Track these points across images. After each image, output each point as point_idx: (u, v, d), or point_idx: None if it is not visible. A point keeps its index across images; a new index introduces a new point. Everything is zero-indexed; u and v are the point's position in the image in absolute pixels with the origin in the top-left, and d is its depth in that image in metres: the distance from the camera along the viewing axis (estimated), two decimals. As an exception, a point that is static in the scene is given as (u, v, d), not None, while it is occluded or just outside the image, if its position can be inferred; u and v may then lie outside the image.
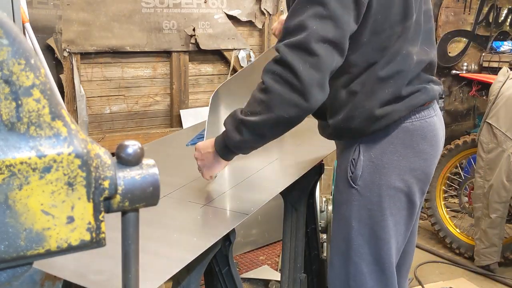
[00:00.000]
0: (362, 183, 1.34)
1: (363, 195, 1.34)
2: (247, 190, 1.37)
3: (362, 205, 1.34)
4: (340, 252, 1.41)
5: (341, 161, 1.41)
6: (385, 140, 1.32)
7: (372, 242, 1.36)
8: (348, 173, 1.35)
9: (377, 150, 1.33)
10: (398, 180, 1.33)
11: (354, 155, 1.35)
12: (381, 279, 1.39)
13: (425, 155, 1.35)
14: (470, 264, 3.03)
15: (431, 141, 1.36)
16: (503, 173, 2.79)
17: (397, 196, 1.34)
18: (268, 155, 1.67)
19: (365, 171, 1.33)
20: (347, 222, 1.37)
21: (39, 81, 0.47)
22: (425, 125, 1.34)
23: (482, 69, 4.51)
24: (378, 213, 1.34)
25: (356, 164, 1.34)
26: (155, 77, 3.05)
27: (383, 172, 1.32)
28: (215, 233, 1.07)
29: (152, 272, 0.88)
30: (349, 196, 1.36)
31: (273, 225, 3.11)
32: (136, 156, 0.52)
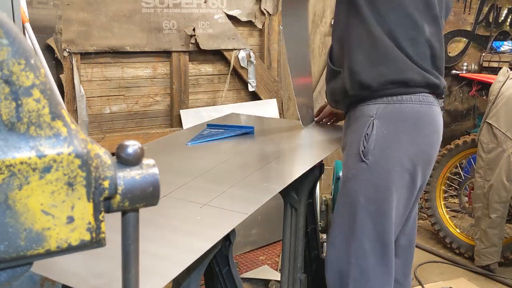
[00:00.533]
0: (372, 157, 1.39)
1: (372, 169, 1.39)
2: (247, 190, 1.37)
3: (370, 180, 1.40)
4: (343, 230, 1.44)
5: (353, 137, 1.46)
6: (398, 117, 1.40)
7: (377, 218, 1.39)
8: (360, 147, 1.41)
9: (390, 126, 1.39)
10: (405, 158, 1.39)
11: (368, 130, 1.40)
12: (382, 257, 1.41)
13: (430, 139, 1.43)
14: (470, 264, 3.03)
15: (435, 128, 1.45)
16: (503, 173, 2.79)
17: (402, 174, 1.40)
18: (267, 154, 1.67)
19: (376, 146, 1.39)
20: (354, 198, 1.41)
21: (39, 81, 0.47)
22: (431, 111, 1.43)
23: (482, 69, 4.51)
24: (385, 188, 1.39)
25: (369, 138, 1.40)
26: (155, 77, 3.05)
27: (393, 148, 1.39)
28: (215, 234, 1.07)
29: (152, 274, 0.88)
30: (358, 171, 1.41)
31: (273, 225, 3.11)
32: (136, 156, 0.52)
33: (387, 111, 1.40)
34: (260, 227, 3.12)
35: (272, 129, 2.09)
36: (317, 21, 3.70)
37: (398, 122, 1.40)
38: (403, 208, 1.45)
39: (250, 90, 3.37)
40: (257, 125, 2.08)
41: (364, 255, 1.40)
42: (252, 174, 1.47)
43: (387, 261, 1.42)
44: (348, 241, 1.42)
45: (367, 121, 1.42)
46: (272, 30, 3.42)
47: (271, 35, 3.42)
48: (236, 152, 1.66)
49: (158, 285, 0.84)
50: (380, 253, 1.41)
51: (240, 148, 1.72)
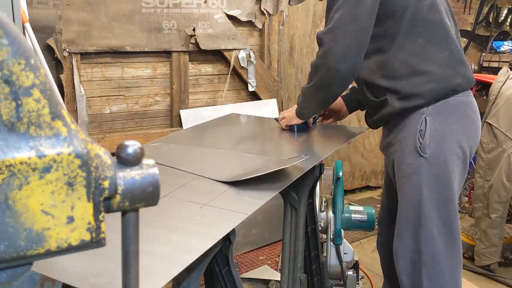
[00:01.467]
0: (429, 151, 1.53)
1: (431, 163, 1.53)
2: (247, 190, 1.37)
3: (431, 172, 1.53)
4: (411, 221, 1.57)
5: (406, 136, 1.58)
6: (447, 111, 1.54)
7: (441, 206, 1.53)
8: (417, 143, 1.54)
9: (441, 120, 1.54)
10: (458, 147, 1.54)
11: (421, 126, 1.54)
12: (450, 241, 1.54)
13: (475, 125, 1.60)
14: (470, 264, 3.03)
15: (478, 115, 1.63)
16: (503, 173, 2.79)
17: (457, 162, 1.55)
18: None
19: (432, 140, 1.53)
20: (418, 191, 1.54)
21: (39, 81, 0.47)
22: (472, 101, 1.62)
23: (482, 69, 4.51)
24: (445, 178, 1.53)
25: (424, 134, 1.53)
26: (155, 77, 3.05)
27: (447, 140, 1.53)
28: (215, 234, 1.07)
29: (152, 274, 0.88)
30: (418, 165, 1.54)
31: (273, 225, 3.11)
32: (136, 156, 0.52)
33: (437, 107, 1.54)
34: (260, 227, 3.12)
35: (272, 128, 2.09)
36: (317, 21, 3.71)
37: (448, 115, 1.54)
38: (459, 191, 1.61)
39: (250, 90, 3.37)
40: (257, 125, 2.09)
41: (433, 241, 1.53)
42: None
43: (454, 243, 1.55)
44: (417, 232, 1.55)
45: (419, 118, 1.55)
46: (272, 30, 3.42)
47: (271, 35, 3.42)
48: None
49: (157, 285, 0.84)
50: (448, 237, 1.54)
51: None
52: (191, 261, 0.94)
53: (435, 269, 1.54)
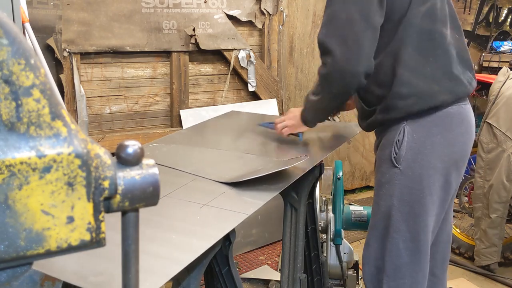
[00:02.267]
0: (405, 163, 1.46)
1: (405, 174, 1.46)
2: (247, 190, 1.37)
3: (404, 184, 1.46)
4: (379, 230, 1.52)
5: (385, 144, 1.53)
6: (428, 122, 1.45)
7: (411, 220, 1.46)
8: (392, 154, 1.47)
9: (421, 132, 1.45)
10: (438, 161, 1.44)
11: (399, 137, 1.47)
12: (416, 256, 1.48)
13: (462, 139, 1.49)
14: (470, 264, 3.03)
15: (467, 127, 1.51)
16: (503, 173, 2.79)
17: (435, 176, 1.45)
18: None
19: (408, 152, 1.45)
20: (388, 201, 1.49)
21: (39, 81, 0.47)
22: (462, 111, 1.49)
23: (482, 69, 4.51)
24: (418, 192, 1.45)
25: (401, 145, 1.46)
26: (155, 77, 3.05)
27: (425, 153, 1.44)
28: (215, 234, 1.07)
29: (151, 273, 0.88)
30: (392, 176, 1.48)
31: (273, 225, 3.11)
32: (136, 156, 0.52)
33: (418, 118, 1.46)
34: (260, 227, 3.12)
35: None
36: (317, 21, 3.70)
37: (430, 127, 1.45)
38: (439, 208, 1.50)
39: (250, 90, 3.37)
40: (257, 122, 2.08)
41: (398, 253, 1.48)
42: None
43: (421, 259, 1.49)
44: (383, 242, 1.50)
45: (398, 128, 1.48)
46: (272, 30, 3.42)
47: (271, 35, 3.42)
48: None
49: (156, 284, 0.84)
50: (414, 252, 1.48)
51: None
52: (190, 260, 0.94)
53: (397, 281, 1.50)
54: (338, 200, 2.22)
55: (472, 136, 1.54)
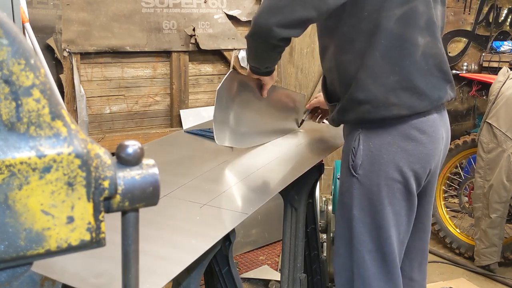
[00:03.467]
0: (362, 172, 1.39)
1: (363, 184, 1.39)
2: (247, 190, 1.37)
3: (362, 194, 1.39)
4: (344, 240, 1.46)
5: (344, 150, 1.47)
6: (383, 130, 1.37)
7: (373, 231, 1.40)
8: (350, 161, 1.41)
9: (375, 140, 1.38)
10: (396, 171, 1.37)
11: (354, 144, 1.40)
12: (383, 267, 1.42)
13: (424, 149, 1.38)
14: (470, 264, 3.03)
15: (431, 137, 1.39)
16: (503, 173, 2.79)
17: (395, 187, 1.38)
18: (267, 155, 1.67)
19: (364, 160, 1.39)
20: (349, 211, 1.42)
21: (39, 81, 0.47)
22: (424, 121, 1.38)
23: (482, 69, 4.51)
24: (377, 202, 1.38)
25: (356, 153, 1.40)
26: (155, 77, 3.05)
27: (381, 163, 1.37)
28: (215, 234, 1.07)
29: (151, 274, 0.88)
30: (350, 184, 1.41)
31: (273, 225, 3.11)
32: (136, 156, 0.52)
33: (372, 126, 1.39)
34: (260, 227, 3.12)
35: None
36: (317, 21, 3.70)
37: (385, 136, 1.37)
38: (406, 217, 1.43)
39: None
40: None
41: (364, 265, 1.42)
42: (252, 174, 1.47)
43: (389, 270, 1.43)
44: (350, 252, 1.45)
45: (354, 134, 1.42)
46: (272, 30, 3.41)
47: (271, 35, 3.42)
48: (236, 152, 1.66)
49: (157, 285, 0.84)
50: (381, 263, 1.42)
51: (240, 149, 1.71)
52: (190, 261, 0.94)
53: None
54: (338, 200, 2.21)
55: (438, 147, 1.44)
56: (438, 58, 1.40)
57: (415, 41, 1.33)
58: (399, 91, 1.33)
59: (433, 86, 1.38)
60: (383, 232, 1.40)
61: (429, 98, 1.37)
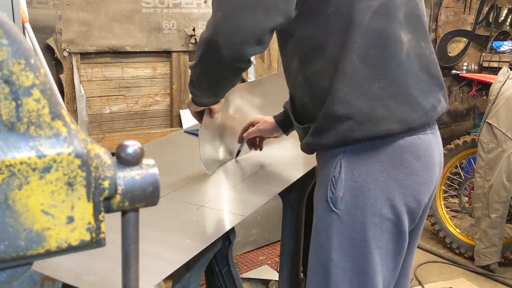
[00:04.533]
0: (343, 206, 1.12)
1: (345, 221, 1.13)
2: (245, 191, 1.37)
3: (344, 233, 1.13)
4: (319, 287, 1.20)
5: (320, 179, 1.19)
6: (371, 156, 1.11)
7: (355, 279, 1.15)
8: (328, 193, 1.14)
9: (361, 168, 1.11)
10: (385, 206, 1.11)
11: (334, 172, 1.13)
12: None
13: (418, 178, 1.13)
14: (470, 264, 3.04)
15: (426, 162, 1.14)
16: (503, 173, 2.79)
17: (384, 225, 1.12)
18: (266, 156, 1.67)
19: (347, 192, 1.12)
20: (326, 254, 1.16)
21: (39, 81, 0.47)
22: (419, 143, 1.13)
23: (482, 69, 4.51)
24: (362, 244, 1.12)
25: (337, 183, 1.13)
26: (155, 77, 3.05)
27: (368, 195, 1.11)
28: (210, 235, 1.07)
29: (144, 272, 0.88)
30: (329, 222, 1.15)
31: (273, 225, 3.11)
32: (136, 156, 0.52)
33: (357, 149, 1.11)
34: (260, 227, 3.12)
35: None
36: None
37: (373, 162, 1.11)
38: (394, 261, 1.19)
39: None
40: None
41: None
42: (250, 176, 1.47)
43: None
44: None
45: (333, 161, 1.14)
46: (272, 30, 3.41)
47: (271, 35, 3.42)
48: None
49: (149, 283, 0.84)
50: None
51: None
52: (184, 261, 0.94)
53: None
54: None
55: (434, 175, 1.18)
56: (424, 59, 1.15)
57: (398, 38, 1.08)
58: (387, 99, 1.07)
59: (425, 93, 1.13)
60: (367, 281, 1.14)
61: (423, 108, 1.11)
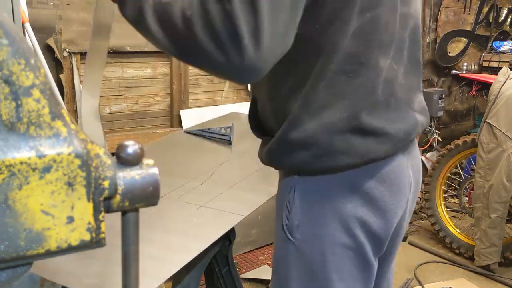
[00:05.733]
0: (300, 236, 1.00)
1: (302, 252, 1.01)
2: (244, 191, 1.37)
3: (302, 265, 1.02)
4: None
5: (277, 203, 1.07)
6: (328, 180, 0.98)
7: None
8: (284, 220, 1.02)
9: (317, 193, 0.99)
10: (345, 235, 0.98)
11: (289, 197, 1.01)
12: None
13: (383, 204, 0.99)
14: (470, 264, 3.03)
15: (392, 186, 1.00)
16: (503, 173, 2.79)
17: (346, 255, 1.00)
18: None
19: (303, 220, 1.00)
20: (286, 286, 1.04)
21: (39, 81, 0.47)
22: (384, 167, 0.98)
23: (482, 69, 4.51)
24: (322, 277, 1.00)
25: (291, 209, 1.00)
26: (155, 77, 3.05)
27: (326, 224, 0.98)
28: (210, 235, 1.07)
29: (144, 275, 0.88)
30: (286, 252, 1.03)
31: (273, 225, 3.11)
32: (136, 156, 0.52)
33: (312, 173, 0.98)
34: (260, 227, 3.12)
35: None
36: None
37: (328, 186, 0.98)
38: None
39: (250, 90, 3.37)
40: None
41: None
42: (250, 176, 1.47)
43: None
44: None
45: (287, 184, 1.01)
46: (272, 30, 3.41)
47: (271, 35, 3.42)
48: (235, 153, 1.66)
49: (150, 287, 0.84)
50: None
51: (239, 149, 1.71)
52: (185, 262, 0.94)
53: None
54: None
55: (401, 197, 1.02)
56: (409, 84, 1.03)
57: (375, 63, 0.94)
58: (349, 133, 0.93)
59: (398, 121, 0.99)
60: None
61: (392, 139, 0.97)
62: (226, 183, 1.41)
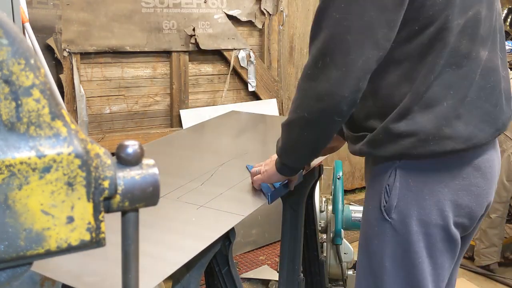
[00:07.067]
0: (396, 216, 1.12)
1: (398, 231, 1.12)
2: (245, 192, 1.36)
3: (397, 243, 1.13)
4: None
5: (373, 186, 1.18)
6: (428, 165, 1.10)
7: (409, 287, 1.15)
8: (382, 202, 1.13)
9: (417, 177, 1.10)
10: (440, 217, 1.10)
11: (389, 181, 1.12)
12: None
13: (477, 189, 1.12)
14: (470, 264, 3.03)
15: (486, 174, 1.14)
16: (503, 173, 2.79)
17: (438, 235, 1.12)
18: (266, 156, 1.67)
19: (401, 201, 1.11)
20: (379, 261, 1.16)
21: (39, 81, 0.47)
22: (481, 154, 1.13)
23: (482, 69, 4.50)
24: (414, 255, 1.12)
25: (391, 192, 1.12)
26: (155, 77, 3.05)
27: (423, 205, 1.10)
28: (210, 235, 1.07)
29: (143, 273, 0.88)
30: (382, 230, 1.14)
31: (273, 225, 3.11)
32: (136, 156, 0.52)
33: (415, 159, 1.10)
34: (260, 227, 3.12)
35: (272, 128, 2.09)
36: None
37: (428, 171, 1.10)
38: (447, 271, 1.18)
39: (250, 90, 3.37)
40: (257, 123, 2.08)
41: None
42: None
43: None
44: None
45: (388, 169, 1.12)
46: (272, 30, 3.42)
47: (271, 35, 3.42)
48: (235, 153, 1.66)
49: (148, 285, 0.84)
50: None
51: (239, 149, 1.71)
52: (184, 261, 0.94)
53: None
54: (338, 200, 2.22)
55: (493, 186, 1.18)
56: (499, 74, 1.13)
57: (477, 55, 1.07)
58: (454, 119, 1.05)
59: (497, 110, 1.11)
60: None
61: (492, 126, 1.10)
62: (226, 183, 1.41)
